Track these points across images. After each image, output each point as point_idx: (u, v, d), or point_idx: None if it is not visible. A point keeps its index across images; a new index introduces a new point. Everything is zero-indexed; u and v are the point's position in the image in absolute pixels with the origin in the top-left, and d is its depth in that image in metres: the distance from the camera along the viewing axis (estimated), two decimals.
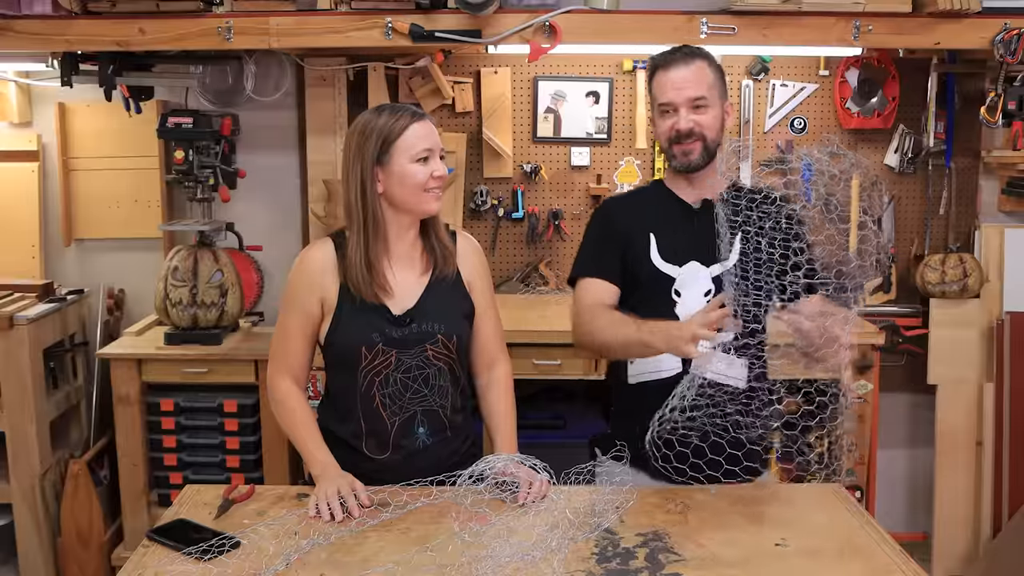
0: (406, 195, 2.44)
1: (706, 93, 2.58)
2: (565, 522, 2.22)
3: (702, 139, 2.58)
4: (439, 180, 2.45)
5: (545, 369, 3.80)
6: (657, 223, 2.66)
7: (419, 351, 2.47)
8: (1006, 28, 3.50)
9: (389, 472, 2.45)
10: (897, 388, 4.54)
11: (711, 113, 2.59)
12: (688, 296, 2.58)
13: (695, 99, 2.57)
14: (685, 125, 2.57)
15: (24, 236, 4.40)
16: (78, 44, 3.59)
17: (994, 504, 4.24)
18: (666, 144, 2.63)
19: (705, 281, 2.58)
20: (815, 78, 4.35)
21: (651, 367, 2.60)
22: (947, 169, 4.34)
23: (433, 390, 2.50)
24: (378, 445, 2.48)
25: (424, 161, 2.42)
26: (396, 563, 2.05)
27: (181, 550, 2.12)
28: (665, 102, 2.60)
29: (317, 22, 3.54)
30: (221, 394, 3.93)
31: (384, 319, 2.45)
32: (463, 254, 2.60)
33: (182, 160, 3.88)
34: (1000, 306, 4.29)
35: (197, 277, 3.89)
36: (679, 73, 2.58)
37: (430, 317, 2.49)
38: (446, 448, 2.53)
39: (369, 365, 2.45)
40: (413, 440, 2.49)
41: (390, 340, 2.45)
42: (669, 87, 2.59)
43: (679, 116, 2.57)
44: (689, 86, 2.57)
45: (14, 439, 3.93)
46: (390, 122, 2.43)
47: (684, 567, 2.05)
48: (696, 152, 2.59)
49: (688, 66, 2.58)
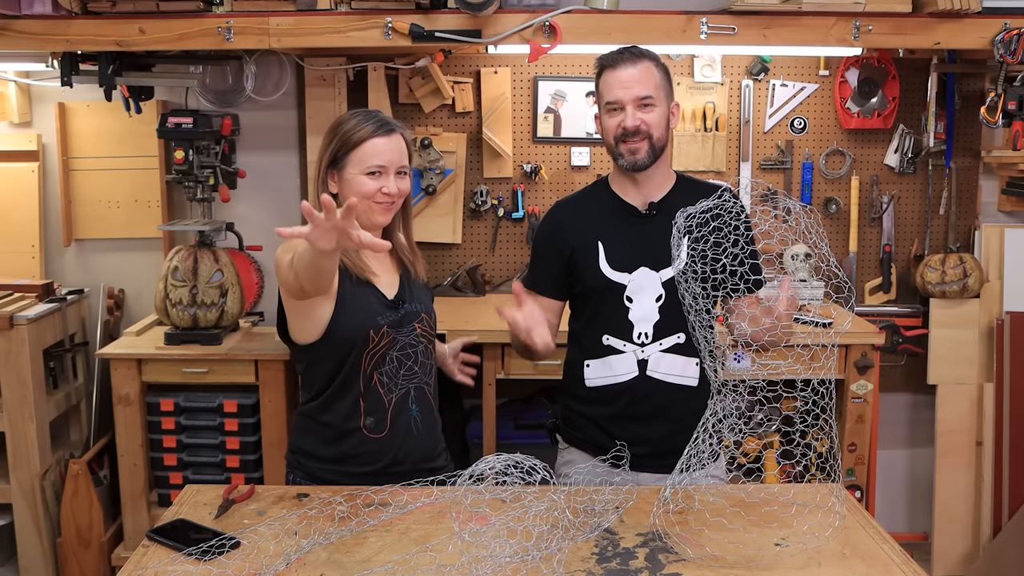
0: None
1: (653, 92, 2.62)
2: (565, 522, 2.22)
3: (648, 138, 2.63)
4: (387, 196, 2.50)
5: (544, 369, 3.79)
6: (604, 230, 2.71)
7: (410, 330, 2.57)
8: (1006, 28, 3.50)
9: (388, 451, 2.53)
10: (897, 388, 4.54)
11: (657, 112, 2.63)
12: (640, 302, 2.64)
13: (642, 98, 2.62)
14: (632, 123, 2.61)
15: (24, 236, 4.40)
16: (78, 44, 3.59)
17: (994, 504, 4.25)
18: (613, 142, 2.67)
19: (655, 286, 2.64)
20: (815, 78, 4.35)
21: (607, 372, 2.70)
22: (947, 169, 4.34)
23: (423, 368, 2.60)
24: (377, 423, 2.53)
25: (375, 175, 2.49)
26: (396, 563, 2.05)
27: (181, 550, 2.12)
28: (612, 100, 2.64)
29: (317, 22, 3.54)
30: (221, 394, 3.93)
31: (381, 303, 2.54)
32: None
33: (182, 160, 3.88)
34: (1000, 306, 4.30)
35: (197, 277, 3.89)
36: (626, 72, 2.62)
37: (414, 299, 2.61)
38: (433, 430, 2.64)
39: (376, 346, 2.50)
40: (407, 418, 2.56)
41: (391, 322, 2.53)
42: (616, 85, 2.63)
43: (626, 114, 2.62)
44: (636, 85, 2.61)
45: (14, 439, 3.94)
46: (353, 129, 2.50)
47: (684, 567, 2.05)
48: (643, 151, 2.63)
49: (635, 66, 2.63)
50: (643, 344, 2.63)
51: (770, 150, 4.38)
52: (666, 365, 2.64)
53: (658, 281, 2.63)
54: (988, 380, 4.29)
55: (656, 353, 2.63)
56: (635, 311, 2.63)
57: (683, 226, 2.47)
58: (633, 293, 2.64)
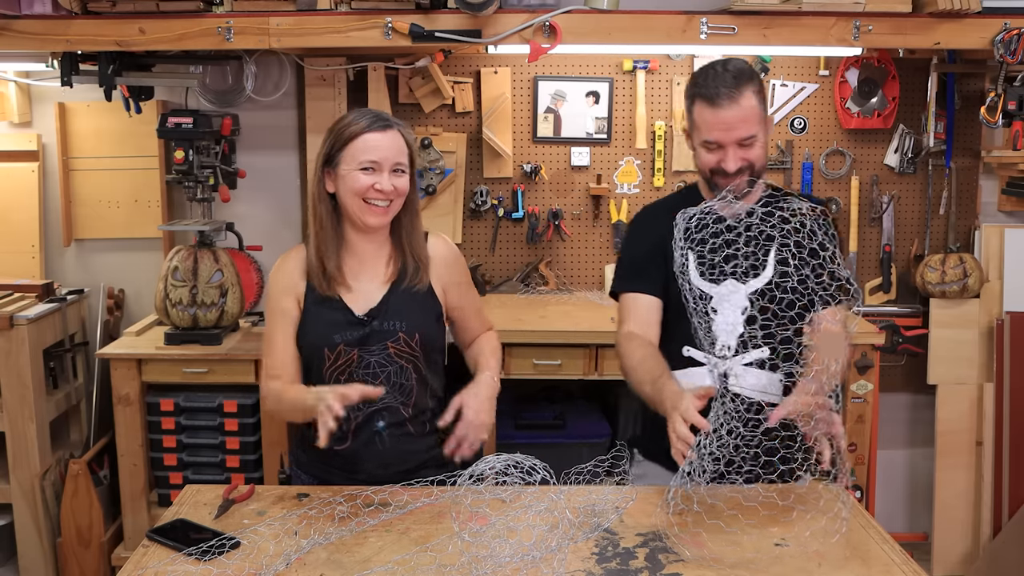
0: (346, 201, 2.47)
1: (756, 131, 2.48)
2: (565, 522, 2.22)
3: (750, 170, 2.50)
4: (380, 194, 2.45)
5: (545, 369, 3.79)
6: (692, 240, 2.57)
7: (380, 348, 2.49)
8: (1006, 28, 3.50)
9: (347, 464, 2.51)
10: (897, 388, 4.54)
11: (759, 144, 2.49)
12: (724, 314, 2.50)
13: (745, 139, 2.47)
14: (735, 166, 2.48)
15: (24, 236, 4.40)
16: (78, 44, 3.59)
17: (994, 504, 4.25)
18: (708, 174, 2.55)
19: (741, 299, 2.50)
20: (815, 78, 4.35)
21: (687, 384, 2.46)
22: (947, 169, 4.34)
23: (396, 388, 2.51)
24: (340, 437, 2.46)
25: (368, 171, 2.44)
26: (396, 563, 2.05)
27: (181, 550, 2.12)
28: (711, 140, 2.49)
29: (317, 22, 3.54)
30: (221, 394, 3.92)
31: (346, 320, 2.48)
32: (438, 259, 2.63)
33: (182, 160, 3.88)
34: (1000, 306, 4.30)
35: (197, 277, 3.89)
36: (728, 113, 2.45)
37: (391, 316, 2.51)
38: (406, 445, 2.54)
39: (333, 365, 2.48)
40: (370, 433, 2.51)
41: (350, 341, 2.47)
42: (717, 127, 2.47)
43: (726, 155, 2.48)
44: (741, 125, 2.46)
45: (14, 439, 3.94)
46: (348, 125, 2.47)
47: (684, 567, 2.05)
48: (743, 184, 2.50)
49: (738, 104, 2.45)
50: (724, 357, 2.47)
51: (770, 150, 4.38)
52: (749, 380, 2.46)
53: (744, 294, 2.49)
54: (988, 380, 4.29)
55: (738, 367, 2.46)
56: (719, 323, 2.48)
57: (683, 227, 2.45)
58: (718, 304, 2.50)
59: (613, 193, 4.39)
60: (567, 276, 4.45)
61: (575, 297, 4.33)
